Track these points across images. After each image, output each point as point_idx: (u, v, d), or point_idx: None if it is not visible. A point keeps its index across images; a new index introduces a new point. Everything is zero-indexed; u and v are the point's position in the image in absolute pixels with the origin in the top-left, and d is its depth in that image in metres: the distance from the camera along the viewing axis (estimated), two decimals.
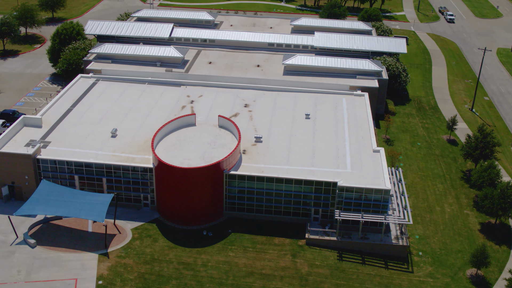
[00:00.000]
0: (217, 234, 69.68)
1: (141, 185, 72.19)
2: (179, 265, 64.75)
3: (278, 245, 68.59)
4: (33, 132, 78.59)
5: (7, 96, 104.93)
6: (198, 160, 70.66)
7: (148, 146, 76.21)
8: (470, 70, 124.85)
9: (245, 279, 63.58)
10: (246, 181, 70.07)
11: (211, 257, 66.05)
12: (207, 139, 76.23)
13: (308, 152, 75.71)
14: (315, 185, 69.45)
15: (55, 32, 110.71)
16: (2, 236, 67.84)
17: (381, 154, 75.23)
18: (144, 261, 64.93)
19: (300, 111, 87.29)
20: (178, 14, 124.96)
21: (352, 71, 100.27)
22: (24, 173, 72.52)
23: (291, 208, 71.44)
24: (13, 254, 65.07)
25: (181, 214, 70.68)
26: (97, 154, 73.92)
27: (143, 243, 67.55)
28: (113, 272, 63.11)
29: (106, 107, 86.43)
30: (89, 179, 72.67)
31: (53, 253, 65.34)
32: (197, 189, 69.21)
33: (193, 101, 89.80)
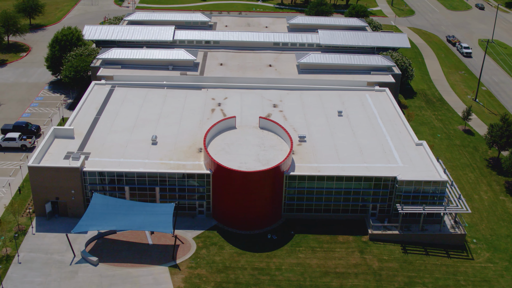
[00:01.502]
0: (280, 237, 68.82)
1: (196, 192, 70.12)
2: (253, 271, 63.45)
3: (343, 242, 68.62)
4: (67, 144, 74.60)
5: (10, 107, 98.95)
6: (255, 163, 69.40)
7: (193, 152, 74.08)
8: (460, 62, 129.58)
9: (322, 279, 63.19)
10: (306, 181, 69.61)
11: (283, 260, 65.14)
12: (254, 141, 75.01)
13: (355, 149, 76.09)
14: (374, 181, 70.03)
15: (53, 38, 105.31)
16: (57, 256, 63.96)
17: (425, 147, 76.78)
18: (217, 270, 63.12)
19: (330, 108, 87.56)
20: (172, 16, 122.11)
21: (365, 67, 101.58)
22: (70, 187, 68.65)
23: (350, 205, 71.62)
24: (76, 274, 61.51)
25: (242, 219, 69.21)
26: (144, 163, 71.10)
27: (210, 251, 65.64)
28: (189, 284, 60.95)
29: (134, 114, 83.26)
30: (140, 190, 69.77)
31: (119, 269, 62.27)
32: (259, 193, 68.00)
33: (220, 103, 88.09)
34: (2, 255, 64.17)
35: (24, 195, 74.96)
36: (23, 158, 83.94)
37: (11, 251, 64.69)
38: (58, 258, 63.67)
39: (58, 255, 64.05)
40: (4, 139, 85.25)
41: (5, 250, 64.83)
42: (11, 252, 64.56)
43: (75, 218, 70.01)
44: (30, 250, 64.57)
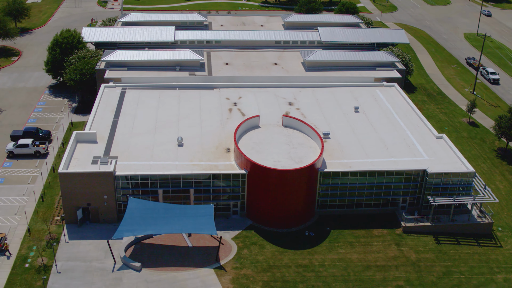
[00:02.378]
0: (317, 233, 69.12)
1: (231, 192, 69.64)
2: (298, 268, 63.55)
3: (379, 236, 69.48)
4: (92, 148, 72.84)
5: (13, 113, 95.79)
6: (289, 161, 69.46)
7: (221, 152, 73.53)
8: (451, 56, 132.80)
9: (365, 273, 63.85)
10: (340, 177, 70.16)
11: (324, 256, 65.48)
12: (281, 139, 75.01)
13: (379, 144, 77.06)
14: (405, 174, 71.14)
15: (53, 41, 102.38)
16: (97, 263, 62.42)
17: (445, 140, 78.49)
18: (262, 269, 62.89)
19: (345, 105, 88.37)
20: (168, 16, 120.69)
21: (370, 63, 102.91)
22: (103, 192, 67.05)
23: (381, 199, 72.58)
24: (121, 281, 60.17)
25: (278, 217, 69.13)
26: (175, 165, 70.15)
27: (252, 251, 65.34)
28: (237, 284, 60.53)
29: (153, 116, 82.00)
30: (174, 192, 68.79)
31: (164, 273, 61.26)
32: (295, 190, 68.10)
33: (236, 103, 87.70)
34: (38, 265, 62.20)
35: (47, 203, 72.79)
36: (38, 164, 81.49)
37: (48, 260, 62.79)
38: (98, 265, 62.14)
39: (97, 263, 62.51)
40: (17, 146, 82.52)
41: (41, 260, 62.87)
42: (48, 261, 62.65)
43: (108, 224, 68.61)
44: (68, 259, 62.81)
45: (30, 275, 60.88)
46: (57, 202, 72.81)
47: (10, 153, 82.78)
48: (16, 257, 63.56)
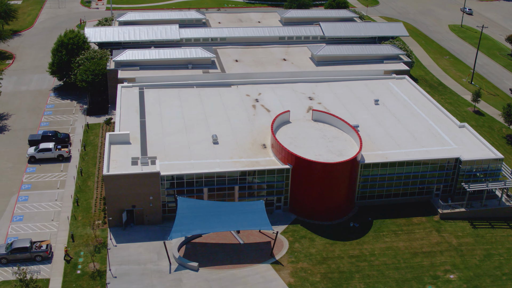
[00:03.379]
0: (360, 224, 70.23)
1: (275, 187, 69.84)
2: (350, 258, 64.50)
3: (419, 224, 71.22)
4: (127, 149, 71.55)
5: (22, 117, 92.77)
6: (330, 155, 70.26)
7: (258, 148, 73.61)
8: (441, 47, 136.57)
9: (413, 259, 65.41)
10: (379, 168, 71.46)
11: (373, 246, 66.68)
12: (315, 133, 75.70)
13: (407, 135, 78.76)
14: (439, 163, 73.14)
15: (58, 43, 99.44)
16: (152, 265, 61.47)
17: (468, 128, 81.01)
18: (317, 262, 63.49)
19: (364, 97, 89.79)
20: (167, 15, 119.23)
21: (378, 57, 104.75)
22: (149, 193, 66.00)
23: (416, 188, 74.33)
24: (181, 282, 59.52)
25: (323, 210, 69.84)
26: (217, 162, 69.76)
27: (303, 244, 65.83)
28: (297, 278, 60.93)
29: (179, 115, 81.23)
30: (219, 190, 68.48)
31: (223, 272, 60.99)
32: (339, 183, 68.93)
33: (257, 99, 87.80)
34: (91, 270, 60.74)
35: (83, 207, 71.05)
36: (64, 168, 79.31)
37: (100, 265, 61.40)
38: (153, 267, 61.22)
39: (152, 265, 61.57)
40: (39, 150, 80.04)
41: (93, 265, 61.42)
42: (100, 266, 61.27)
43: (153, 226, 67.62)
44: (120, 263, 61.59)
45: (85, 281, 59.45)
46: (94, 206, 71.22)
47: (31, 158, 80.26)
48: (65, 264, 61.89)
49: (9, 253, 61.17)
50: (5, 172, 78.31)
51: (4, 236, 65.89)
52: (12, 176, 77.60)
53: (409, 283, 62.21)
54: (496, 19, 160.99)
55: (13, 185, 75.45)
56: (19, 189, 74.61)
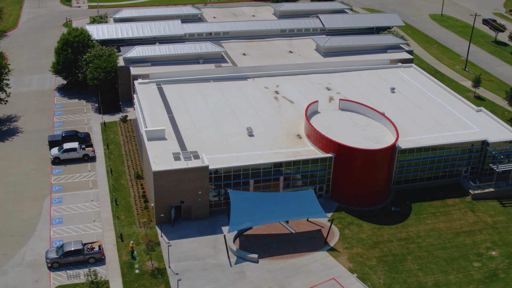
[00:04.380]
0: (401, 208, 71.85)
1: (318, 176, 70.46)
2: (400, 241, 65.98)
3: (453, 205, 73.47)
4: (165, 145, 70.49)
5: (33, 118, 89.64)
6: (368, 142, 71.46)
7: (293, 139, 74.06)
8: (428, 36, 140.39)
9: (456, 239, 67.57)
10: (415, 153, 73.24)
11: (417, 228, 68.40)
12: (347, 122, 76.75)
13: (431, 120, 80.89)
14: (468, 146, 75.65)
15: (62, 41, 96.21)
16: (211, 260, 60.98)
17: (486, 112, 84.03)
18: (370, 246, 64.61)
19: (379, 86, 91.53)
20: (162, 11, 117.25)
21: (381, 46, 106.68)
22: (197, 188, 65.28)
23: (447, 171, 76.61)
24: (245, 274, 59.33)
25: (364, 196, 70.99)
26: (259, 154, 69.80)
27: (352, 230, 66.81)
28: (356, 263, 61.86)
29: (205, 109, 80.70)
30: (265, 181, 68.56)
31: (283, 261, 61.17)
32: (380, 169, 70.25)
33: (277, 91, 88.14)
34: (150, 269, 59.58)
35: (123, 206, 69.49)
36: (91, 168, 77.26)
37: (158, 263, 60.33)
38: (213, 262, 60.72)
39: (211, 259, 61.04)
40: (64, 151, 77.60)
41: (151, 264, 60.28)
42: (159, 264, 60.22)
43: (201, 220, 66.96)
44: (178, 259, 60.74)
45: (146, 280, 58.31)
46: (135, 204, 69.79)
47: (55, 159, 77.74)
48: (120, 264, 60.50)
49: (61, 257, 59.25)
50: (30, 174, 75.60)
51: (47, 240, 63.78)
52: (39, 178, 75.00)
53: (457, 262, 64.34)
54: (472, 7, 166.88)
55: (42, 188, 72.97)
56: (50, 191, 72.27)
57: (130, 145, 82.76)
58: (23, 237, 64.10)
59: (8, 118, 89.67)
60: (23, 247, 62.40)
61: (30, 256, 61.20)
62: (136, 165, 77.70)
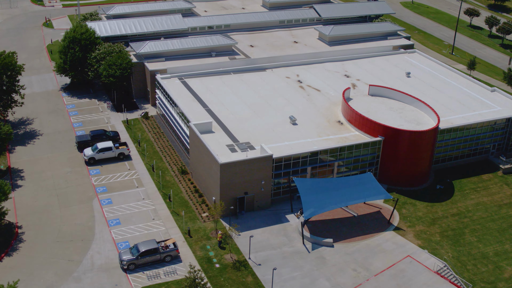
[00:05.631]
0: (444, 186, 74.51)
1: (368, 160, 71.75)
2: (453, 216, 68.46)
3: (488, 180, 76.80)
4: (216, 138, 69.66)
5: (48, 120, 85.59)
6: (411, 124, 73.45)
7: (335, 125, 75.07)
8: (407, 23, 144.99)
9: (501, 211, 70.80)
10: (451, 133, 76.05)
11: (464, 203, 71.11)
12: (381, 106, 78.45)
13: (453, 101, 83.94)
14: (495, 123, 79.36)
15: (68, 39, 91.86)
16: (288, 248, 61.00)
17: (500, 92, 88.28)
18: (429, 223, 66.61)
19: (393, 71, 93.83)
20: (155, 6, 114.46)
21: (381, 34, 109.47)
22: (261, 178, 64.80)
23: (478, 148, 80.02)
24: (325, 259, 59.78)
25: (411, 176, 72.95)
26: (311, 141, 70.31)
27: (409, 209, 68.59)
28: (423, 239, 63.67)
29: (237, 100, 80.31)
30: (321, 167, 69.07)
31: (356, 243, 62.15)
32: (425, 149, 72.38)
33: (299, 80, 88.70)
34: (230, 262, 58.63)
35: (177, 202, 67.85)
36: (130, 167, 74.78)
37: (237, 256, 59.50)
38: (290, 250, 60.63)
39: (287, 247, 60.93)
40: (99, 150, 74.61)
41: (230, 257, 59.34)
42: (238, 257, 59.40)
43: (263, 210, 66.59)
44: (256, 250, 60.15)
45: (230, 273, 57.30)
46: (190, 200, 68.29)
47: (90, 160, 74.67)
48: (198, 260, 59.18)
49: (138, 257, 57.24)
50: (68, 177, 72.26)
51: (111, 242, 61.36)
52: (78, 180, 71.81)
53: (508, 232, 67.55)
54: None
55: (85, 190, 69.94)
56: (95, 192, 69.42)
57: (162, 141, 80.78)
58: (84, 241, 61.37)
59: (21, 121, 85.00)
60: (88, 252, 59.77)
61: (100, 260, 58.75)
62: (176, 161, 76.03)
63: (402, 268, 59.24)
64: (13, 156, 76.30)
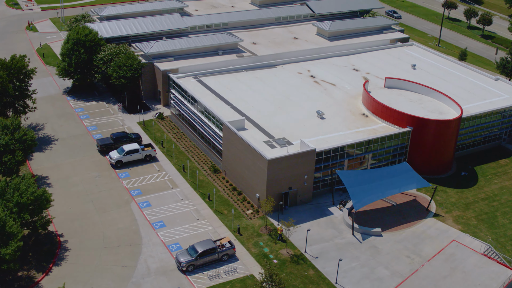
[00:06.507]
0: (467, 172, 77.05)
1: (398, 150, 73.13)
2: (483, 201, 70.70)
3: (506, 164, 79.28)
4: (251, 134, 69.33)
5: (60, 125, 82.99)
6: (434, 114, 75.39)
7: (360, 117, 76.19)
8: (386, 17, 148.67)
9: None
10: (470, 121, 78.55)
11: (489, 188, 73.43)
12: (400, 98, 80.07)
13: (463, 91, 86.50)
14: (505, 111, 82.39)
15: (72, 41, 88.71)
16: (339, 239, 61.54)
17: (503, 80, 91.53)
18: (463, 208, 68.55)
19: (398, 64, 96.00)
20: (148, 6, 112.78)
21: (376, 28, 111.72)
22: (304, 172, 64.95)
23: (492, 135, 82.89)
24: (377, 248, 60.64)
25: (438, 165, 74.90)
26: (344, 135, 71.07)
27: (442, 196, 70.36)
28: (461, 224, 65.49)
29: (259, 97, 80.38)
30: (356, 160, 69.91)
31: (403, 231, 63.29)
32: (452, 138, 74.39)
33: (312, 75, 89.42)
34: (287, 257, 58.50)
35: (219, 201, 66.96)
36: (159, 168, 73.29)
37: (293, 250, 59.47)
38: (342, 241, 61.08)
39: (339, 239, 61.39)
40: (126, 153, 72.74)
41: (286, 251, 59.23)
42: (294, 251, 59.39)
43: (305, 204, 66.84)
44: (309, 244, 60.26)
45: (290, 268, 57.05)
46: (230, 198, 67.66)
47: (118, 163, 72.74)
48: (254, 257, 58.69)
49: (197, 258, 56.28)
50: (98, 181, 70.13)
51: (161, 244, 59.97)
52: (108, 184, 69.82)
53: None
54: None
55: (119, 193, 68.10)
56: (130, 196, 67.68)
57: (184, 141, 79.64)
58: (133, 246, 59.76)
59: (32, 127, 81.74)
60: (140, 256, 58.25)
61: (154, 264, 57.38)
62: (205, 160, 75.13)
63: (451, 252, 60.94)
64: (33, 163, 73.37)
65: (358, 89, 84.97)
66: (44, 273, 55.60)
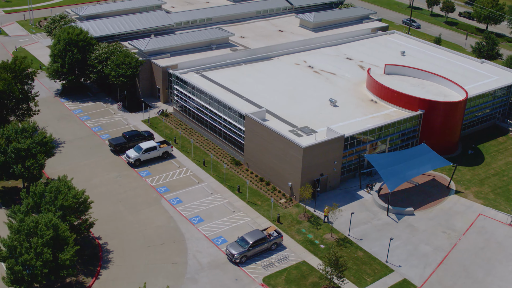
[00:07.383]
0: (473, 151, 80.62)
1: (411, 133, 75.38)
2: (494, 176, 74.01)
3: (504, 142, 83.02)
4: (274, 125, 69.16)
5: (63, 127, 79.99)
6: (440, 96, 78.26)
7: (370, 104, 78.04)
8: None
9: None
10: (471, 101, 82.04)
11: (497, 164, 77.03)
12: (403, 84, 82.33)
13: (455, 74, 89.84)
14: (500, 91, 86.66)
15: (65, 41, 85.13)
16: (376, 221, 63.01)
17: (488, 62, 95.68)
18: (480, 184, 71.59)
19: (388, 52, 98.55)
20: (127, 4, 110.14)
21: (356, 18, 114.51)
22: (334, 159, 65.80)
23: (489, 115, 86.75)
24: (414, 226, 62.56)
25: (447, 145, 77.81)
26: (361, 120, 72.54)
27: (457, 174, 73.13)
28: (482, 199, 68.43)
29: (267, 89, 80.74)
30: (376, 144, 71.60)
31: (431, 210, 65.58)
32: (460, 118, 77.41)
33: (311, 66, 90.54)
34: (333, 241, 59.20)
35: (249, 192, 66.61)
36: (179, 164, 71.94)
37: (338, 234, 60.24)
38: (379, 222, 62.59)
39: (376, 221, 62.80)
40: (144, 151, 70.93)
41: (331, 236, 59.88)
42: (338, 235, 60.13)
43: (334, 190, 67.78)
44: (351, 227, 61.28)
45: (341, 251, 57.76)
46: (260, 189, 67.48)
47: (136, 161, 70.85)
48: (301, 244, 59.05)
49: (249, 249, 55.92)
50: (120, 182, 68.03)
51: (205, 239, 59.09)
52: (132, 183, 67.93)
53: None
54: None
55: (146, 192, 66.41)
56: (158, 194, 66.12)
57: (196, 136, 78.63)
58: (176, 242, 58.52)
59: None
60: (188, 252, 57.15)
61: (205, 258, 56.50)
62: (223, 154, 74.52)
63: (481, 225, 63.85)
64: (46, 167, 70.07)
65: (358, 77, 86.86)
66: (94, 277, 53.56)
